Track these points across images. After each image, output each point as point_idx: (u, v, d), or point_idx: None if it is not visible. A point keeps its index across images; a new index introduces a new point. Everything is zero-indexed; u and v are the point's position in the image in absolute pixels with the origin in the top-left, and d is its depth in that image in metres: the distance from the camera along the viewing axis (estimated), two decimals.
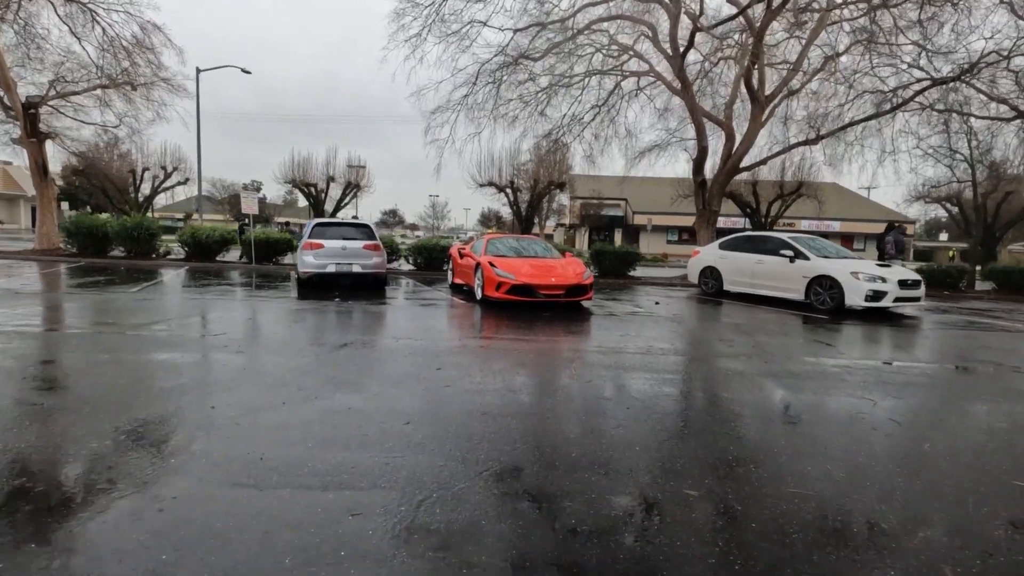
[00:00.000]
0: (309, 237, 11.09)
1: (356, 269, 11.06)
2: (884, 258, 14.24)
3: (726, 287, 12.39)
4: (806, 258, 10.68)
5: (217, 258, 17.46)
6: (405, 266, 17.24)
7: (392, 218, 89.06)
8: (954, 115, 20.10)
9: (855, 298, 9.70)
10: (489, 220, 73.35)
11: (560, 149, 23.18)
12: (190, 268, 15.48)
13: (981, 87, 16.87)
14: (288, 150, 38.06)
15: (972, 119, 20.38)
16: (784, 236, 11.52)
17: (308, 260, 10.87)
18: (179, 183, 39.83)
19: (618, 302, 10.84)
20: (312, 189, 37.50)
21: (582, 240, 53.49)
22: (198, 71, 22.64)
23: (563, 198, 46.77)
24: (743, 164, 16.56)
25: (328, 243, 10.99)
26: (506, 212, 68.77)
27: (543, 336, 6.93)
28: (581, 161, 30.62)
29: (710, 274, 12.82)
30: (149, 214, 47.43)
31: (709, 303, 11.30)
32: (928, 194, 37.48)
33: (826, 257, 10.69)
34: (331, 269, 10.92)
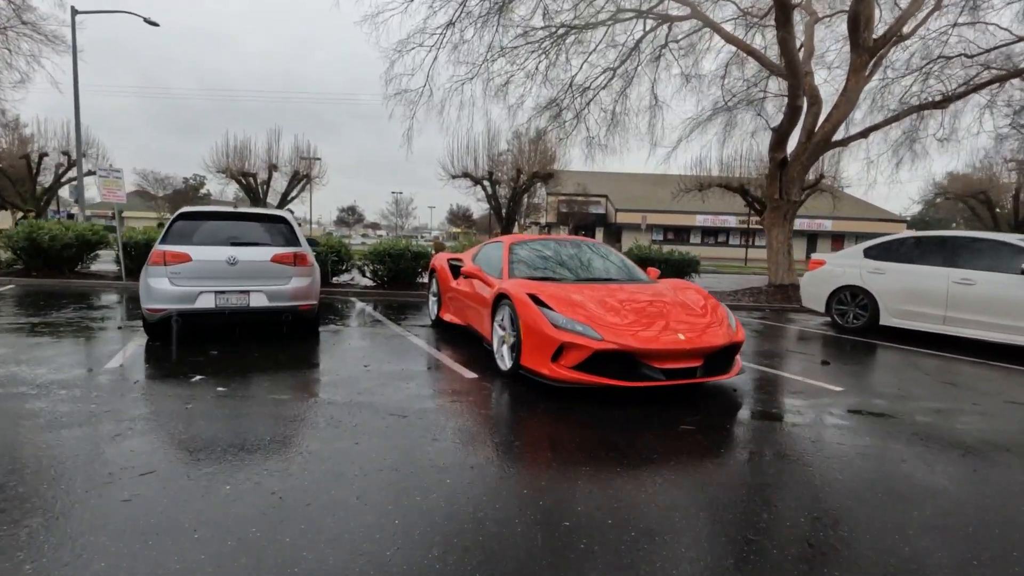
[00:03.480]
0: (163, 241, 5.72)
1: (259, 302, 5.75)
2: None
3: (884, 320, 7.64)
4: None
5: (79, 268, 11.77)
6: (361, 280, 11.90)
7: (351, 216, 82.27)
8: None
9: None
10: (458, 218, 67.65)
11: (556, 129, 18.00)
12: (15, 288, 9.79)
13: None
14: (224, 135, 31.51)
15: None
16: (1015, 239, 6.81)
17: (159, 287, 5.51)
18: (90, 172, 33.12)
19: (747, 362, 5.87)
20: (251, 180, 31.41)
21: None
22: (74, 12, 16.61)
23: (540, 194, 42.12)
24: (836, 137, 11.93)
25: (201, 252, 5.65)
26: (478, 209, 63.58)
27: None
28: (575, 147, 25.77)
29: (851, 299, 8.05)
30: (53, 209, 39.98)
31: (888, 353, 6.50)
32: (947, 190, 34.35)
33: None
34: (206, 304, 5.59)
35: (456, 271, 6.71)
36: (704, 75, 16.55)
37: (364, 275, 11.53)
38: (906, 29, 11.84)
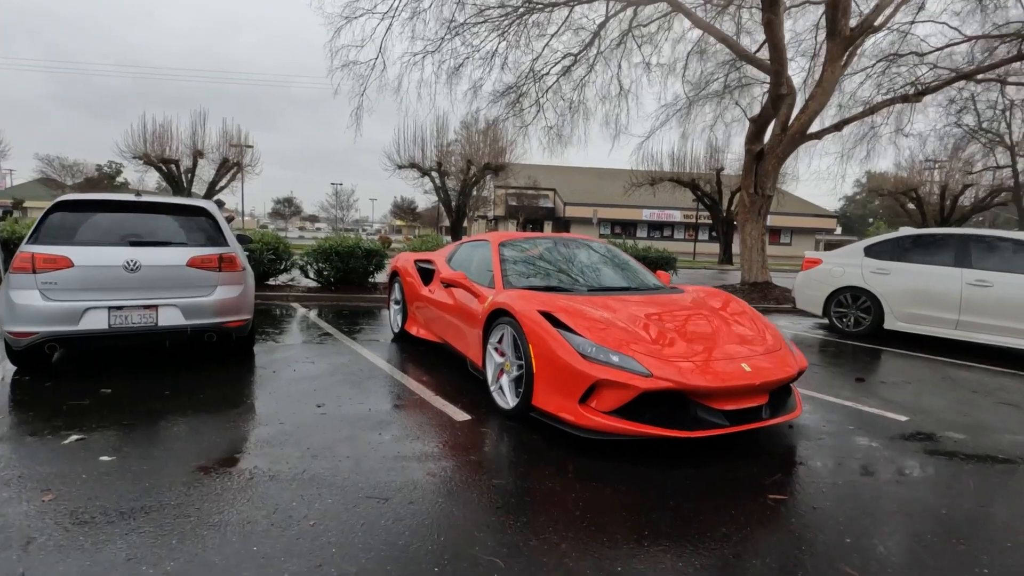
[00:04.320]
0: (32, 240, 4.24)
1: (171, 320, 4.39)
2: None
3: (890, 324, 7.11)
4: None
5: None
6: (303, 280, 10.42)
7: (287, 207, 77.93)
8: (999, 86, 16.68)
9: None
10: (403, 211, 65.19)
11: (514, 118, 16.92)
12: None
13: None
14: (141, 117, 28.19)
15: (1016, 91, 17.09)
16: None
17: (25, 302, 4.04)
18: None
19: None
20: (173, 167, 28.50)
21: None
22: None
23: (488, 187, 41.03)
24: (811, 129, 11.49)
25: (87, 255, 4.22)
26: (424, 201, 61.60)
27: None
28: (532, 139, 24.76)
29: (852, 301, 7.48)
30: None
31: (908, 363, 5.91)
32: (881, 187, 35.92)
33: None
34: (95, 324, 4.17)
35: (427, 275, 5.54)
36: (665, 64, 15.99)
37: (307, 275, 10.07)
38: (878, 22, 11.54)
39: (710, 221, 34.49)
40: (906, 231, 7.47)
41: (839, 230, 67.01)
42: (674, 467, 2.98)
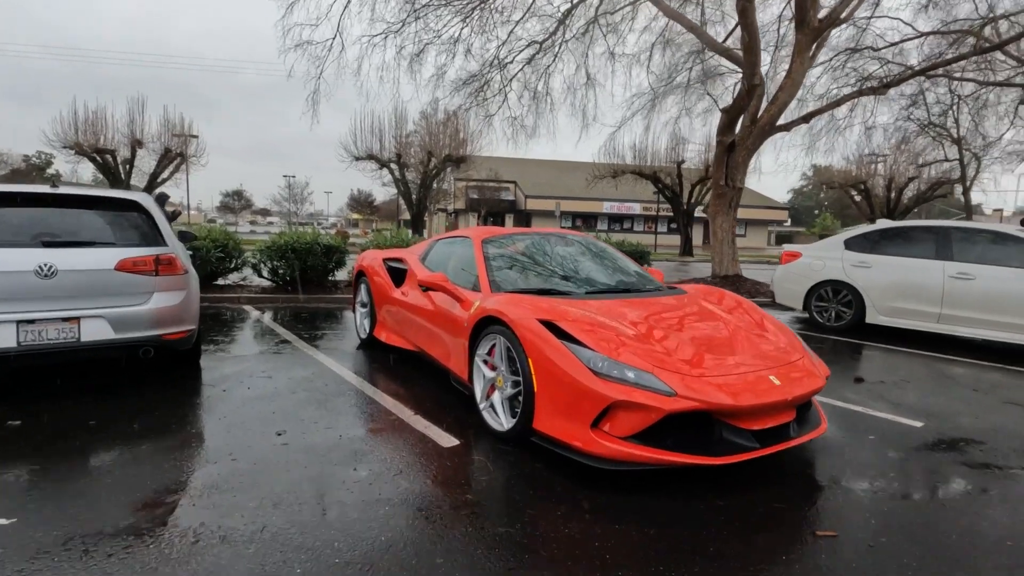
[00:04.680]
0: None
1: (97, 334, 3.71)
2: None
3: (871, 318, 7.01)
4: None
5: None
6: (256, 279, 9.62)
7: (237, 201, 74.56)
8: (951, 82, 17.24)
9: None
10: (360, 204, 63.35)
11: (476, 108, 16.38)
12: None
13: None
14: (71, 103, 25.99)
15: (961, 87, 17.71)
16: (1015, 230, 6.33)
17: None
18: None
19: None
20: (109, 158, 26.53)
21: None
22: None
23: (448, 179, 40.23)
24: (780, 121, 11.44)
25: None
26: (382, 194, 60.11)
27: None
28: (496, 130, 24.21)
29: (833, 295, 7.36)
30: None
31: (897, 359, 5.77)
32: (832, 180, 37.08)
33: None
34: (0, 341, 3.47)
35: (398, 276, 5.01)
36: (631, 54, 15.77)
37: (260, 274, 9.29)
38: (843, 14, 11.57)
39: (670, 213, 34.74)
40: (883, 223, 7.39)
41: (788, 222, 69.17)
42: (697, 497, 2.60)
